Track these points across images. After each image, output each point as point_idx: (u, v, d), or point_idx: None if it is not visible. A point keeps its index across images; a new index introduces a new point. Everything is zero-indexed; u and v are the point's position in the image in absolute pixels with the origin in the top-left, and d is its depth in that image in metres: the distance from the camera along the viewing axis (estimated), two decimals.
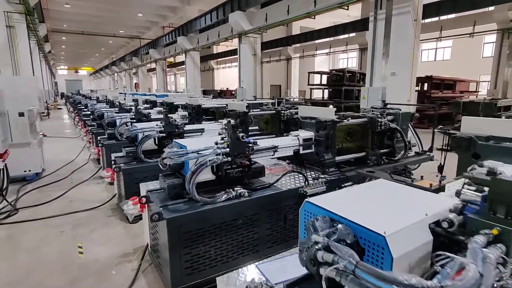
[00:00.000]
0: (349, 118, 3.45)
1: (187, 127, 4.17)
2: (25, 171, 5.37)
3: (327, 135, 3.07)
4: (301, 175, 2.98)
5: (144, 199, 2.52)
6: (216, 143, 2.42)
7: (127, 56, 36.89)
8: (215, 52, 33.65)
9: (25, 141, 5.27)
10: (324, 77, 19.55)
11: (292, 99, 21.76)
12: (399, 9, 8.50)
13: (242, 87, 15.56)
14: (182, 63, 39.06)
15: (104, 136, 5.38)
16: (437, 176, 2.60)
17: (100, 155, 5.53)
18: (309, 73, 17.61)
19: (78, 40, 35.25)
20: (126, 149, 4.00)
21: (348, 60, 29.24)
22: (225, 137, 2.50)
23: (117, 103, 8.42)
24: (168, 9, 23.31)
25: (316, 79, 20.54)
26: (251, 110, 4.73)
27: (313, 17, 11.72)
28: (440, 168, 3.00)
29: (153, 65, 37.10)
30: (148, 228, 2.78)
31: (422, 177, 2.24)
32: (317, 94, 21.21)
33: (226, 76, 39.58)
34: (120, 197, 4.17)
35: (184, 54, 22.42)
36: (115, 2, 21.30)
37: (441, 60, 25.03)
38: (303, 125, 3.35)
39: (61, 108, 24.99)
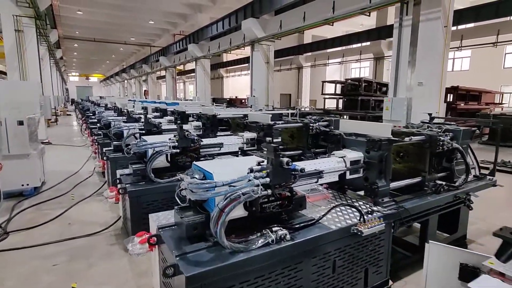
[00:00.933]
0: (411, 137, 2.86)
1: (204, 141, 3.69)
2: (22, 185, 4.86)
3: (381, 157, 2.48)
4: (353, 208, 2.38)
5: (154, 239, 2.00)
6: (252, 170, 1.87)
7: (137, 63, 37.06)
8: (224, 60, 33.55)
9: (24, 152, 4.78)
10: (338, 86, 18.98)
11: (304, 109, 21.25)
12: (427, 15, 7.93)
13: (254, 96, 15.08)
14: (191, 71, 39.20)
15: (110, 148, 4.87)
16: None
17: (105, 168, 5.02)
18: (323, 82, 17.07)
19: (90, 47, 35.56)
20: (133, 166, 3.38)
21: (361, 70, 28.67)
22: (262, 162, 1.95)
23: (125, 111, 7.96)
24: (179, 16, 23.21)
25: (329, 88, 20.00)
26: (275, 122, 4.19)
27: (331, 24, 11.20)
28: None
29: (162, 73, 37.28)
30: (159, 274, 2.19)
31: (501, 229, 1.68)
32: (329, 104, 20.63)
33: (235, 85, 39.49)
34: (125, 221, 3.65)
35: (194, 62, 22.17)
36: (127, 10, 21.26)
37: (460, 71, 24.29)
38: (347, 143, 2.75)
39: (70, 115, 24.87)
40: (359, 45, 22.02)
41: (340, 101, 17.97)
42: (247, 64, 32.29)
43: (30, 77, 9.96)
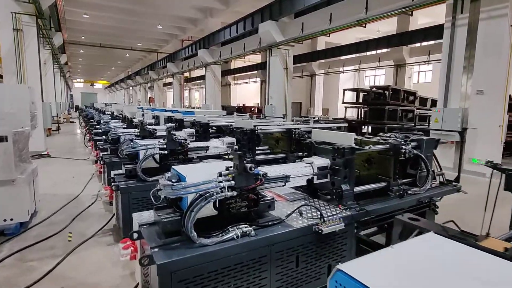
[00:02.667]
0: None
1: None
2: (4, 220, 3.69)
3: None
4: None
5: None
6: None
7: (143, 69, 36.28)
8: (232, 67, 32.69)
9: (8, 178, 3.63)
10: (349, 94, 17.85)
11: (318, 118, 20.11)
12: (489, 12, 6.79)
13: (271, 104, 13.95)
14: (198, 78, 38.46)
15: (120, 173, 3.71)
16: None
17: (113, 198, 3.84)
18: (344, 90, 15.94)
19: (95, 52, 34.89)
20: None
21: (376, 78, 27.56)
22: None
23: (137, 122, 6.83)
24: (189, 21, 22.33)
25: (341, 97, 18.88)
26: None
27: (363, 25, 10.11)
28: None
29: (168, 80, 36.43)
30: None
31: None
32: (341, 113, 19.46)
33: (243, 92, 38.69)
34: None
35: (204, 68, 21.18)
36: (135, 14, 20.41)
37: None
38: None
39: (74, 122, 23.89)
40: (377, 51, 21.07)
41: (357, 110, 16.86)
42: (256, 72, 31.49)
43: (30, 81, 8.91)
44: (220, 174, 2.03)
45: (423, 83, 24.05)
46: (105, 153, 5.15)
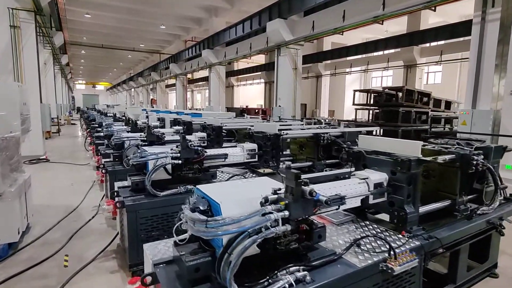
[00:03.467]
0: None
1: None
2: None
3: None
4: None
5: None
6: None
7: (145, 71, 35.88)
8: (235, 68, 32.22)
9: None
10: (359, 96, 17.26)
11: (326, 120, 19.54)
12: None
13: (279, 106, 13.41)
14: (200, 79, 38.05)
15: (125, 186, 3.17)
16: None
17: (117, 214, 3.29)
18: (354, 91, 15.39)
19: (97, 54, 34.49)
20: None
21: (383, 79, 26.98)
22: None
23: (142, 125, 6.30)
24: (193, 21, 21.85)
25: (347, 98, 18.30)
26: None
27: (381, 22, 9.57)
28: None
29: (170, 81, 36.00)
30: None
31: None
32: (345, 115, 18.89)
33: (246, 94, 38.26)
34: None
35: (208, 69, 20.68)
36: (138, 13, 19.94)
37: None
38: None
39: (75, 124, 23.42)
40: (386, 52, 20.53)
41: (367, 112, 16.30)
42: (260, 73, 31.03)
43: (27, 81, 8.39)
44: (266, 200, 1.53)
45: (432, 84, 23.47)
46: (108, 160, 4.59)
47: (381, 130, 14.25)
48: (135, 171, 3.34)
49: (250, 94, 38.36)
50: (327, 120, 18.00)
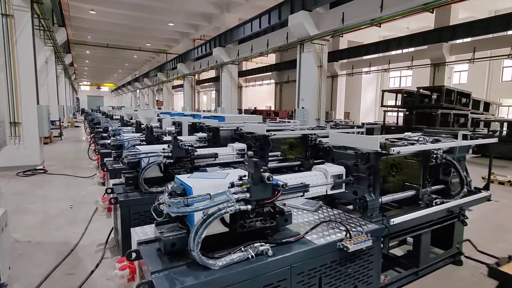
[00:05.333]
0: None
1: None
2: None
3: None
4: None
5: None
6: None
7: (151, 71, 34.81)
8: (244, 69, 31.06)
9: None
10: (375, 96, 15.96)
11: (342, 122, 18.25)
12: None
13: (303, 108, 12.13)
14: (206, 80, 36.93)
15: (120, 183, 2.43)
16: None
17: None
18: (383, 91, 14.09)
19: (102, 54, 33.53)
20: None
21: (401, 79, 25.59)
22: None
23: (158, 131, 5.05)
24: (203, 17, 20.68)
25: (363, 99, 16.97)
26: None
27: (431, 10, 8.26)
28: None
29: (176, 82, 34.87)
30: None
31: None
32: (361, 117, 17.56)
33: (254, 95, 37.19)
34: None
35: (219, 68, 19.46)
36: (146, 9, 18.82)
37: None
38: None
39: (78, 126, 22.31)
40: (407, 50, 19.23)
41: (397, 114, 14.96)
42: (270, 73, 29.81)
43: (22, 79, 7.21)
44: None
45: (457, 84, 22.05)
46: (117, 183, 3.35)
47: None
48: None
49: (258, 95, 37.26)
50: (342, 122, 16.69)
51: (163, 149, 3.21)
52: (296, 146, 4.05)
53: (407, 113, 13.76)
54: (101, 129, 8.34)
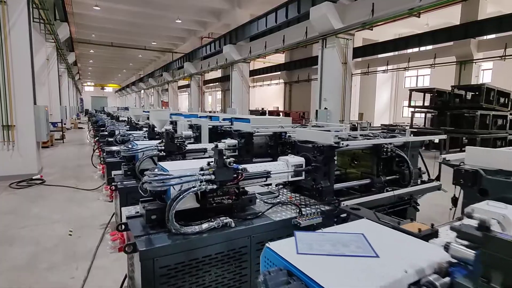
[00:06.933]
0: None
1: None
2: None
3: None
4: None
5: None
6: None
7: (156, 71, 33.93)
8: (251, 68, 30.03)
9: None
10: (385, 96, 14.84)
11: (359, 124, 17.18)
12: None
13: (325, 108, 11.10)
14: (211, 80, 35.97)
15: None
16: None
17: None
18: (410, 90, 13.03)
19: (106, 54, 32.74)
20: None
21: (419, 79, 24.45)
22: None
23: (180, 138, 4.05)
24: (212, 14, 19.73)
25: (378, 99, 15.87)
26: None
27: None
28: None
29: (180, 83, 33.93)
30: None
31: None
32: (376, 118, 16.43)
33: (261, 95, 36.26)
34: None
35: (230, 67, 18.49)
36: (153, 5, 17.90)
37: None
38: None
39: (82, 128, 21.44)
40: (427, 48, 18.15)
41: (424, 115, 13.88)
42: (279, 73, 28.78)
43: (16, 75, 6.27)
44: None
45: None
46: (132, 213, 2.43)
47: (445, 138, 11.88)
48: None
49: (265, 95, 36.31)
50: (357, 123, 15.61)
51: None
52: (361, 158, 3.44)
53: (434, 114, 12.67)
54: (107, 133, 7.35)
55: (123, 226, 2.18)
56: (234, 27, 17.07)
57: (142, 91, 45.42)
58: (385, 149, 3.18)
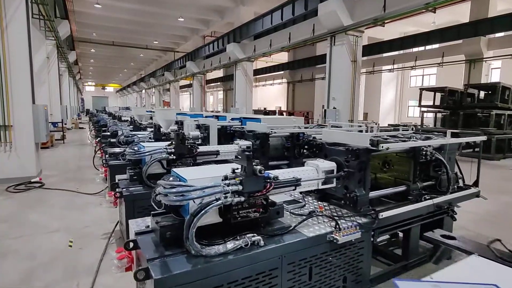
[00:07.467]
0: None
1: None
2: None
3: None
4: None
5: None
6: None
7: (158, 71, 33.59)
8: (253, 68, 29.67)
9: None
10: (390, 96, 14.47)
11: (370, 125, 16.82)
12: None
13: (334, 108, 10.75)
14: (213, 80, 35.64)
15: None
16: None
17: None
18: (421, 89, 12.67)
19: (107, 53, 32.42)
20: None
21: (424, 78, 24.07)
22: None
23: (191, 140, 3.72)
24: (215, 11, 19.39)
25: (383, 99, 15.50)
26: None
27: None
28: None
29: (181, 82, 33.58)
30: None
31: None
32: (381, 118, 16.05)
33: (263, 95, 36.00)
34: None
35: (234, 66, 18.12)
36: (154, 3, 17.58)
37: None
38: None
39: (83, 128, 21.12)
40: (433, 46, 17.75)
41: (434, 115, 13.51)
42: (281, 72, 28.44)
43: (13, 72, 5.93)
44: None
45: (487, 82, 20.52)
46: (141, 227, 2.15)
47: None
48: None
49: (268, 95, 36.00)
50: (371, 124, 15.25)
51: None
52: (395, 163, 3.11)
53: (445, 114, 12.30)
54: (109, 133, 7.02)
55: (131, 244, 1.93)
56: (238, 26, 16.72)
57: (143, 91, 45.10)
58: (424, 152, 2.86)
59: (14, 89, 5.94)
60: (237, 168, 1.96)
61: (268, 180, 1.96)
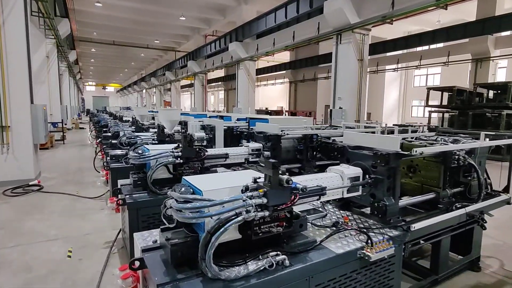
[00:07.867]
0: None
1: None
2: None
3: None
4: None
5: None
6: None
7: (159, 70, 33.37)
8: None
9: None
10: (393, 96, 14.21)
11: (371, 123, 16.58)
12: None
13: (340, 108, 10.51)
14: (213, 80, 35.39)
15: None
16: None
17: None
18: (428, 89, 12.42)
19: (108, 52, 32.20)
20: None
21: (428, 77, 23.80)
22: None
23: (197, 140, 3.50)
24: (217, 10, 19.15)
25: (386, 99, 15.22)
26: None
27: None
28: None
29: (182, 82, 33.36)
30: None
31: None
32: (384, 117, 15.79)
33: (264, 94, 35.79)
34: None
35: (236, 65, 17.89)
36: (156, 2, 17.33)
37: None
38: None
39: (83, 128, 20.89)
40: (437, 45, 17.51)
41: (442, 115, 13.25)
42: (283, 72, 28.19)
43: (11, 71, 5.69)
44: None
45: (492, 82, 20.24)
46: (148, 242, 1.92)
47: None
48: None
49: (269, 95, 35.77)
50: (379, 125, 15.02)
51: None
52: (422, 168, 2.84)
53: (453, 114, 12.04)
54: (110, 134, 6.78)
55: (137, 263, 1.73)
56: (240, 24, 16.48)
57: (144, 91, 44.89)
58: (456, 157, 2.65)
59: (11, 89, 5.70)
60: (259, 177, 1.72)
61: (295, 191, 1.73)
